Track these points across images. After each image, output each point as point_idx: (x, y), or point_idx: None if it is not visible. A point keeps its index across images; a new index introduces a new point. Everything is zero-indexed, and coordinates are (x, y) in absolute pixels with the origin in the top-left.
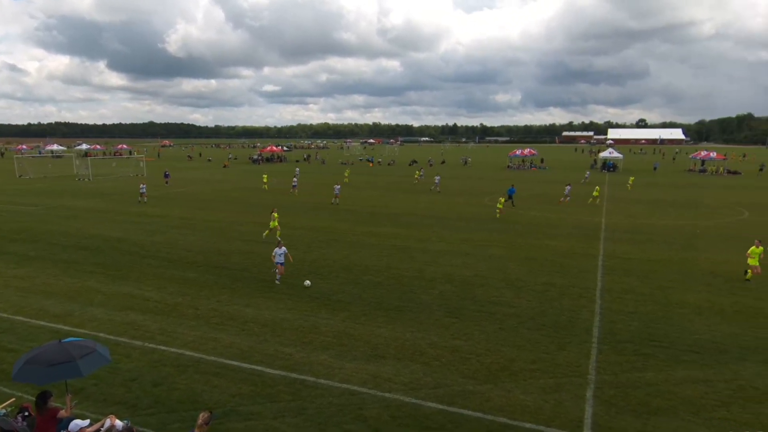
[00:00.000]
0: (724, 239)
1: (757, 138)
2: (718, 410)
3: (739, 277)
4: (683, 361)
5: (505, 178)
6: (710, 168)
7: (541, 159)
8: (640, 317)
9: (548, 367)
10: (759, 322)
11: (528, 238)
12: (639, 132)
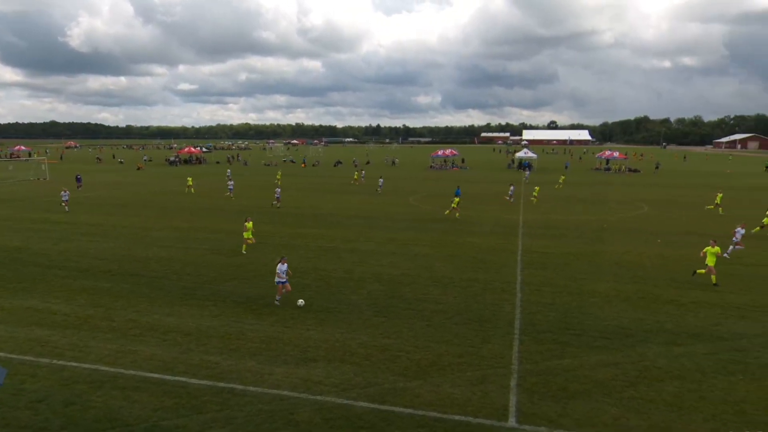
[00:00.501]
0: (628, 232)
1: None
2: (627, 390)
3: (640, 266)
4: (596, 346)
5: (428, 178)
6: (614, 167)
7: (462, 159)
8: (557, 308)
9: (474, 360)
10: (658, 307)
11: (452, 236)
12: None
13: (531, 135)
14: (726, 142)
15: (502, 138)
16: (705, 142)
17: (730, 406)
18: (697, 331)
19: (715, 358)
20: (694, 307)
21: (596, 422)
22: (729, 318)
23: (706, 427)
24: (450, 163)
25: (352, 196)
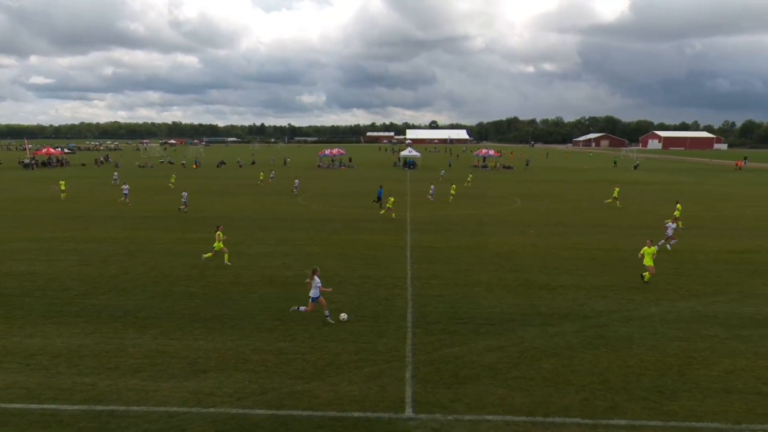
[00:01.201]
0: (505, 225)
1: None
2: (511, 371)
3: (517, 256)
4: (482, 333)
5: (316, 177)
6: (490, 164)
7: (349, 158)
8: (446, 299)
9: (370, 355)
10: (533, 292)
11: (342, 234)
12: (432, 132)
13: (414, 134)
14: (583, 141)
15: (387, 137)
16: (566, 141)
17: (596, 376)
18: (567, 312)
19: (582, 335)
20: (563, 290)
21: (485, 404)
22: (592, 298)
23: (578, 398)
24: (337, 162)
25: (238, 197)
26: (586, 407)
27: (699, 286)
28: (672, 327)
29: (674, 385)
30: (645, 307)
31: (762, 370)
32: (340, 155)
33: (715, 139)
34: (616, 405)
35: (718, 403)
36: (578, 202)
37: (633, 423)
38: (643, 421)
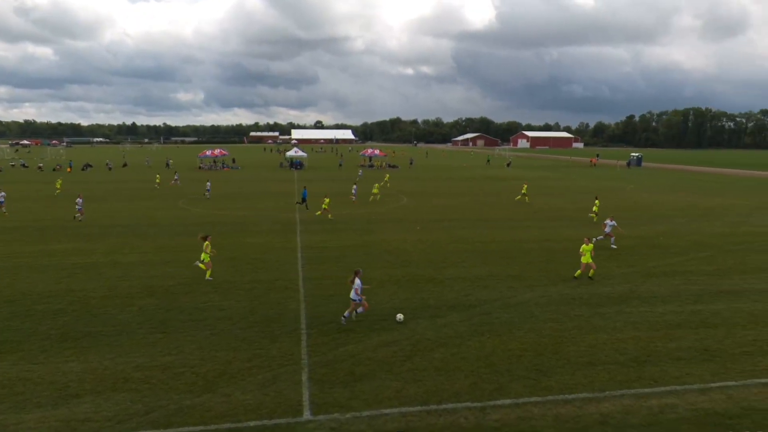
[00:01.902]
0: (393, 222)
1: (406, 137)
2: (405, 363)
3: (405, 251)
4: (375, 329)
5: (198, 179)
6: (376, 163)
7: (232, 159)
8: (339, 299)
9: (264, 361)
10: (422, 286)
11: (229, 237)
12: (318, 132)
13: (300, 134)
14: (461, 140)
15: (271, 137)
16: (446, 141)
17: (482, 361)
18: (454, 303)
19: (468, 324)
20: (450, 282)
21: (381, 398)
22: (476, 288)
23: (467, 383)
24: (220, 163)
25: (136, 202)
26: (475, 391)
27: (566, 271)
28: (545, 310)
29: (549, 362)
30: (522, 294)
31: (619, 342)
32: (222, 156)
33: (574, 138)
34: (501, 386)
35: (585, 375)
36: (460, 198)
37: (516, 401)
38: (525, 398)
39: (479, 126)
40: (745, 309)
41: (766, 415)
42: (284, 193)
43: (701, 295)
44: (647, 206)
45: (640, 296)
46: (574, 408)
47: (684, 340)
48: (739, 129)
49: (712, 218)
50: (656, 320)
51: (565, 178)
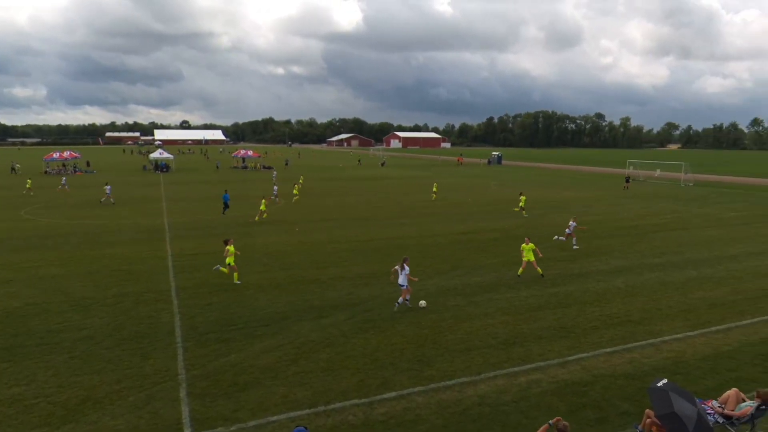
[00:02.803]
0: (271, 224)
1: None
2: (290, 367)
3: (286, 253)
4: (258, 335)
5: (45, 185)
6: (250, 164)
7: (86, 162)
8: (216, 307)
9: (136, 381)
10: (305, 287)
11: (87, 249)
12: (184, 133)
13: (164, 135)
14: (335, 141)
15: (132, 138)
16: (321, 141)
17: (368, 358)
18: (337, 302)
19: (352, 322)
20: (332, 282)
21: (268, 406)
22: (358, 286)
23: (354, 381)
24: (71, 167)
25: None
26: (361, 388)
27: (441, 265)
28: None
29: (430, 352)
30: None
31: (491, 327)
32: (73, 158)
33: (442, 138)
34: (387, 380)
35: (463, 361)
36: (337, 198)
37: (401, 393)
38: (409, 389)
39: (353, 126)
40: (592, 289)
41: (612, 379)
42: (150, 198)
43: (557, 278)
44: (509, 201)
45: (506, 283)
46: (454, 393)
47: (544, 320)
48: (579, 130)
49: (562, 209)
50: (521, 304)
51: (435, 177)
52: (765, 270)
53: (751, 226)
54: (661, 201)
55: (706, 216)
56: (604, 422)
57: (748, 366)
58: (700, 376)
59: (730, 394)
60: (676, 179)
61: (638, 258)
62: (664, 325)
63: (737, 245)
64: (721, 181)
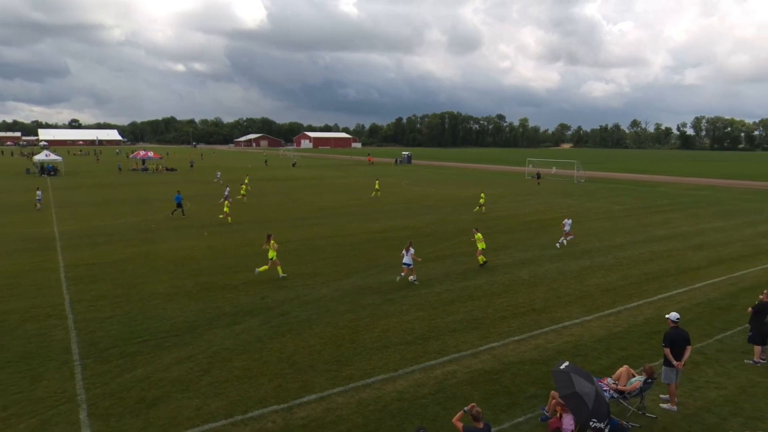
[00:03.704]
0: (176, 229)
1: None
2: (203, 378)
3: (194, 259)
4: (166, 347)
5: None
6: (151, 167)
7: None
8: (119, 319)
9: (27, 406)
10: (216, 294)
11: None
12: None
13: (50, 135)
14: (244, 141)
15: (12, 138)
16: (228, 141)
17: (285, 362)
18: (251, 307)
19: (268, 326)
20: (245, 287)
21: (180, 420)
22: (272, 290)
23: (271, 386)
24: None
25: None
26: (280, 393)
27: (356, 264)
28: (341, 302)
29: (348, 352)
30: (317, 290)
31: (407, 323)
32: None
33: (352, 138)
34: (306, 383)
35: (381, 359)
36: (249, 199)
37: (321, 395)
38: (329, 390)
39: (262, 126)
40: (499, 281)
41: (520, 365)
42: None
43: (466, 273)
44: (419, 198)
45: (419, 280)
46: (373, 390)
47: (457, 313)
48: (483, 130)
49: (469, 207)
50: (434, 299)
51: (347, 176)
52: (647, 257)
53: (633, 218)
54: (558, 197)
55: (597, 209)
56: (515, 406)
57: (636, 344)
58: (597, 357)
59: (622, 371)
60: (570, 176)
61: (539, 250)
62: (564, 312)
63: (623, 235)
64: (608, 177)
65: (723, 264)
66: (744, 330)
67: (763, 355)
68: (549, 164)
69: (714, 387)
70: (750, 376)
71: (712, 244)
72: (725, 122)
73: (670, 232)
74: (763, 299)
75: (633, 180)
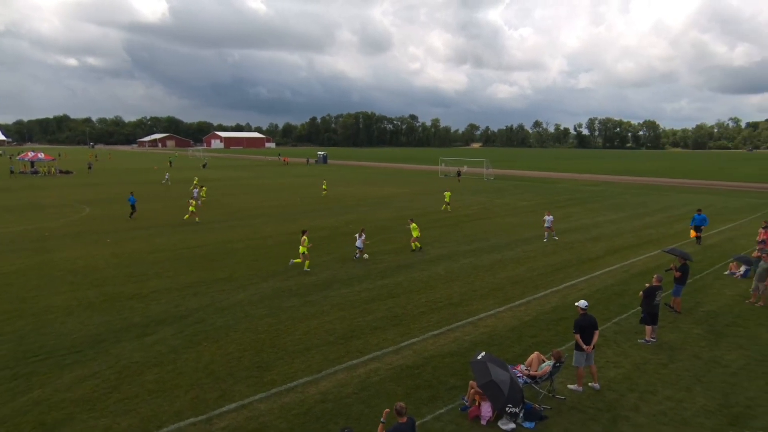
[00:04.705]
0: (75, 237)
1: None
2: (111, 395)
3: (96, 269)
4: (67, 364)
5: None
6: (42, 169)
7: None
8: (10, 338)
9: None
10: (123, 304)
11: None
12: None
13: None
14: (148, 141)
15: None
16: (131, 142)
17: (202, 371)
18: (163, 317)
19: (182, 336)
20: (156, 295)
21: None
22: (185, 297)
23: (188, 398)
24: None
25: None
26: (197, 404)
27: (274, 266)
28: (259, 306)
29: (269, 357)
30: (234, 295)
31: (329, 324)
32: None
33: (266, 138)
34: (225, 392)
35: (303, 361)
36: (152, 203)
37: (242, 403)
38: (250, 397)
39: (168, 126)
40: (417, 277)
41: (440, 359)
42: None
43: (386, 270)
44: (336, 198)
45: (340, 280)
46: (297, 394)
47: (378, 311)
48: (397, 130)
49: (386, 205)
50: (355, 298)
51: (261, 177)
52: (551, 249)
53: (537, 213)
54: (470, 194)
55: (505, 206)
56: (436, 399)
57: (544, 331)
58: (510, 345)
59: (533, 357)
60: (480, 174)
61: (454, 246)
62: (479, 305)
63: (529, 230)
64: (514, 174)
65: (617, 253)
66: (636, 312)
67: (654, 335)
68: (461, 163)
69: (613, 366)
70: (643, 354)
71: (608, 236)
72: (615, 123)
73: (571, 225)
74: (653, 284)
75: (536, 177)
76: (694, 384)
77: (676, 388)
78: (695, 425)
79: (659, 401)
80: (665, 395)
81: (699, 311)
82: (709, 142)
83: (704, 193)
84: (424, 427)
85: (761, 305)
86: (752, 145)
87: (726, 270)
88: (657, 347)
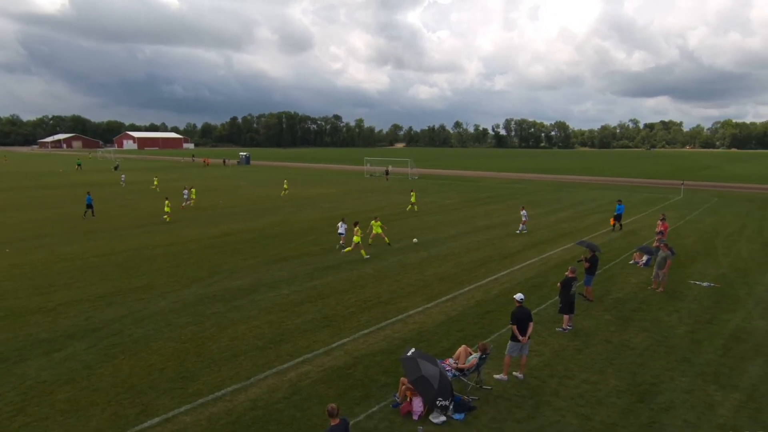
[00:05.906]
0: None
1: None
2: (16, 419)
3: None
4: None
5: None
6: None
7: None
8: None
9: None
10: (27, 319)
11: None
12: None
13: None
14: (51, 142)
15: None
16: (31, 142)
17: (121, 386)
18: (73, 331)
19: (96, 350)
20: (64, 308)
21: None
22: (98, 309)
23: (105, 416)
24: None
25: None
26: (117, 421)
27: (197, 272)
28: (182, 315)
29: (194, 366)
30: (154, 304)
31: (257, 329)
32: None
33: (184, 139)
34: (147, 406)
35: (231, 368)
36: (57, 209)
37: (166, 416)
38: (174, 410)
39: (73, 125)
40: (346, 278)
41: (371, 357)
42: None
43: (314, 272)
44: (261, 200)
45: (266, 283)
46: (225, 403)
47: (307, 313)
48: (321, 130)
49: (312, 206)
50: (283, 301)
51: (181, 179)
52: (474, 246)
53: (461, 211)
54: (396, 193)
55: (431, 204)
56: (369, 398)
57: (471, 325)
58: (438, 340)
59: (461, 351)
60: (405, 173)
61: (382, 244)
62: (408, 302)
63: (454, 227)
64: (438, 174)
65: (535, 247)
66: (554, 303)
67: (570, 323)
68: (386, 163)
69: (535, 354)
70: (561, 341)
71: (527, 231)
72: (529, 124)
73: (492, 222)
74: (568, 275)
75: (458, 176)
76: (607, 366)
77: (591, 372)
78: (608, 405)
79: (576, 384)
80: (582, 379)
81: (609, 299)
82: (612, 142)
83: (610, 189)
84: (357, 427)
85: (661, 291)
86: (650, 144)
87: (631, 260)
88: (573, 334)
